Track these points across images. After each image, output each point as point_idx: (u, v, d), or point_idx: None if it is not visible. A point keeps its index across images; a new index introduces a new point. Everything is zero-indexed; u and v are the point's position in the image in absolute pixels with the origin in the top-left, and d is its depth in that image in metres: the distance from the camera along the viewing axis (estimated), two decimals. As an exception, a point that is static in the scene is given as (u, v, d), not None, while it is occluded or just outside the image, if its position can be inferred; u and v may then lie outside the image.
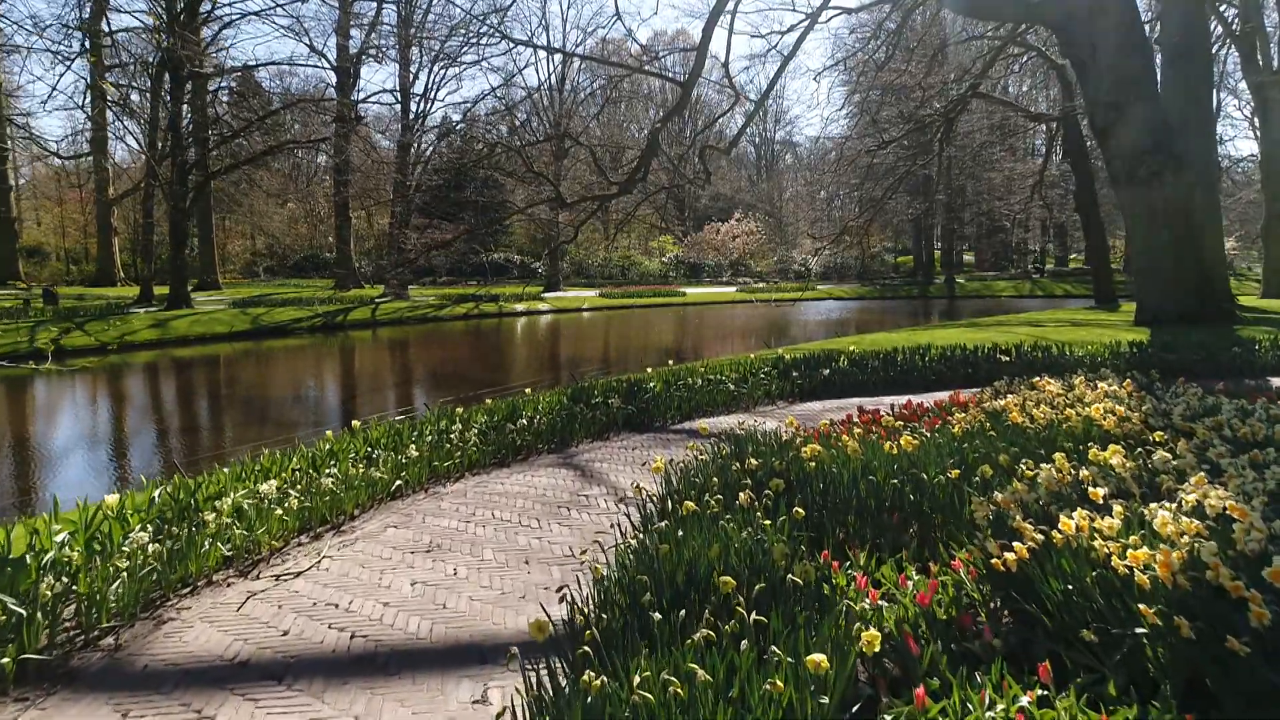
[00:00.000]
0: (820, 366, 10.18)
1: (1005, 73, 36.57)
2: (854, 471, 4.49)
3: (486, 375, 18.98)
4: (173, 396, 16.43)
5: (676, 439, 7.54)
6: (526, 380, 17.41)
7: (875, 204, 30.26)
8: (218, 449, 10.43)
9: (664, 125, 16.13)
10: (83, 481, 9.15)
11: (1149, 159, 15.23)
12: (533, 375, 18.06)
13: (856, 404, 8.91)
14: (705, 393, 8.93)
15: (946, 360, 10.77)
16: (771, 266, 61.41)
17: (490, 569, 4.30)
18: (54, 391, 16.61)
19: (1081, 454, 4.64)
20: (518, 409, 7.62)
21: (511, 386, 16.16)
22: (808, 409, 8.91)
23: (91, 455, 10.91)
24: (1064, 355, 10.77)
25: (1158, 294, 15.80)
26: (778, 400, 9.42)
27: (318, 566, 4.38)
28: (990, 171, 53.93)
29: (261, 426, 12.20)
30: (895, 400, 8.92)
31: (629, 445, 7.35)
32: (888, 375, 10.21)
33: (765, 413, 8.76)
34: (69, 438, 12.04)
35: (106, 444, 11.70)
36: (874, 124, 32.96)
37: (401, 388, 16.74)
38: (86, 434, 12.38)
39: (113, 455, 10.95)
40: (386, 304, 34.73)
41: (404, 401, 14.85)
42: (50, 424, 13.39)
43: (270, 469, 5.57)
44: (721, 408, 8.98)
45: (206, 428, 12.80)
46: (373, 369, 20.95)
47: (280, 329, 27.55)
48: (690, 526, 3.60)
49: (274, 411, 13.99)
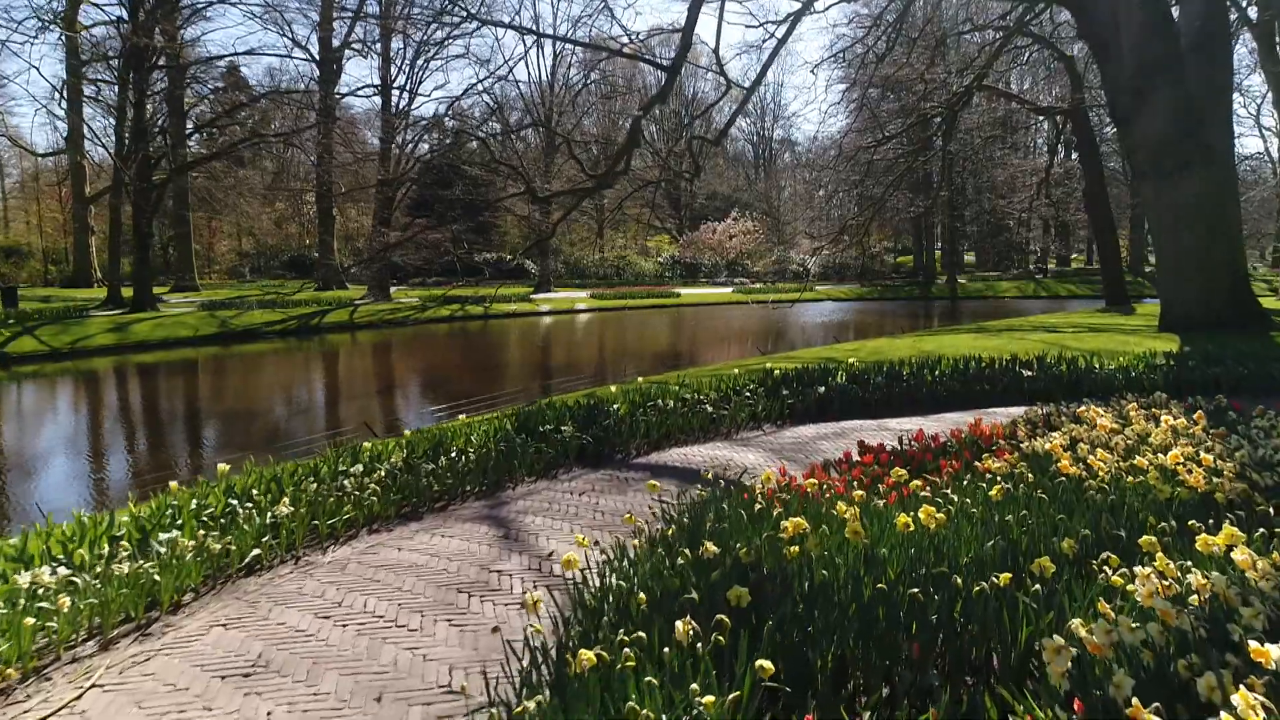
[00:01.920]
0: (815, 383, 8.81)
1: (1010, 66, 35.25)
2: (853, 563, 3.14)
3: (460, 385, 17.62)
4: (94, 411, 15.02)
5: (637, 479, 6.18)
6: (502, 391, 16.06)
7: (875, 202, 28.88)
8: (100, 485, 9.06)
9: (646, 113, 14.78)
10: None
11: (1177, 149, 13.88)
12: (511, 383, 16.73)
13: (857, 429, 7.56)
14: (680, 416, 7.57)
15: (959, 374, 9.41)
16: (770, 267, 60.03)
17: (319, 715, 2.93)
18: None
19: (1179, 534, 3.28)
20: (443, 442, 6.26)
21: (482, 399, 14.82)
22: (799, 435, 7.55)
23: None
24: (1093, 369, 9.41)
25: (1185, 297, 14.45)
26: (764, 424, 8.06)
27: (71, 709, 3.00)
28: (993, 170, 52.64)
29: (179, 450, 10.84)
30: (903, 425, 7.57)
31: (578, 488, 5.98)
32: (892, 392, 8.84)
33: (748, 441, 7.39)
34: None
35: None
36: (873, 118, 31.64)
37: (359, 401, 15.38)
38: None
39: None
40: (366, 306, 33.34)
41: (359, 418, 13.49)
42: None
43: (71, 539, 4.19)
44: (698, 434, 7.61)
45: (114, 450, 11.41)
46: (335, 378, 19.55)
47: (249, 333, 26.16)
48: (583, 699, 2.23)
49: (204, 430, 12.63)
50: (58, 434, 12.90)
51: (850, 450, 5.80)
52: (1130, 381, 9.31)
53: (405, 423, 12.30)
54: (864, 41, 26.06)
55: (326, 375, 20.00)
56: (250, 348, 24.26)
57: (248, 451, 9.75)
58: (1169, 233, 14.45)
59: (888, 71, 27.88)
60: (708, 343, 26.27)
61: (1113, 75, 14.78)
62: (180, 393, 17.21)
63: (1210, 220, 13.85)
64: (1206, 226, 13.83)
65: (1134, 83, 14.16)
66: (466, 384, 17.82)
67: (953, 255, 55.27)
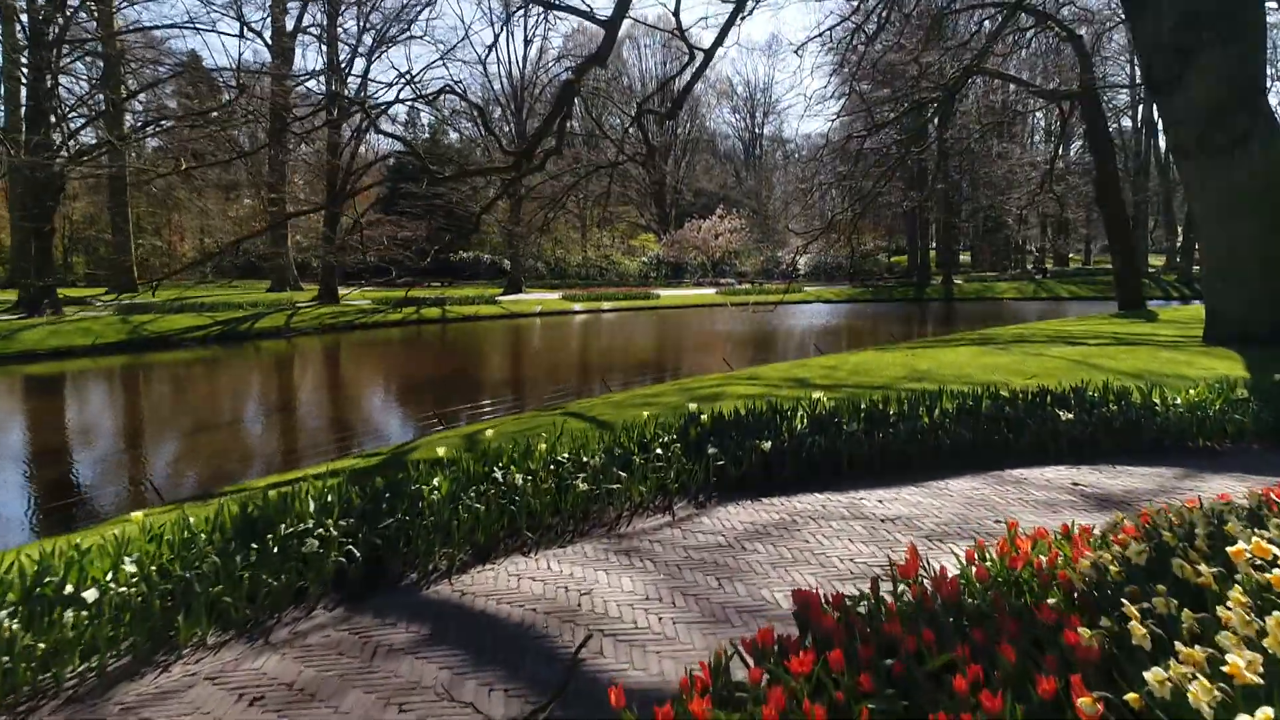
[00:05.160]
0: (758, 433, 6.06)
1: (1012, 49, 32.56)
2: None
3: (365, 409, 14.83)
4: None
5: (413, 642, 3.42)
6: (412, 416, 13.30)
7: (866, 196, 26.14)
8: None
9: (581, 76, 12.01)
10: None
11: (1230, 120, 11.19)
12: (430, 405, 13.97)
13: (815, 513, 4.81)
14: (539, 496, 4.82)
15: (968, 413, 6.68)
16: (757, 266, 57.29)
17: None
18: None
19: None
20: (61, 584, 3.48)
21: (375, 434, 12.08)
22: (721, 528, 4.79)
23: None
24: (1154, 412, 6.67)
25: (1238, 301, 11.76)
26: (676, 501, 5.31)
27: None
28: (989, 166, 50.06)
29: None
30: (887, 508, 4.82)
31: (283, 675, 3.22)
32: (872, 443, 6.10)
33: (637, 542, 4.63)
34: None
35: None
36: (864, 104, 28.96)
37: (212, 434, 12.55)
38: None
39: None
40: (309, 309, 30.48)
41: (183, 463, 10.71)
42: None
43: None
44: (560, 527, 4.85)
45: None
46: (215, 399, 16.59)
47: (164, 340, 23.30)
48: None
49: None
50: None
51: (797, 577, 3.04)
52: (1205, 425, 6.62)
53: (237, 473, 9.51)
54: (853, 19, 23.32)
55: (209, 394, 17.08)
56: (157, 357, 21.41)
57: None
58: (1219, 223, 11.75)
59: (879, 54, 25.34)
60: (672, 351, 23.51)
61: (1149, 31, 12.07)
62: (20, 416, 14.32)
63: (1273, 206, 11.17)
64: (1269, 213, 11.15)
65: (1176, 39, 11.46)
66: (374, 408, 15.04)
67: (948, 254, 52.62)
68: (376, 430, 12.02)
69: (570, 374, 18.06)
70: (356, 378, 19.57)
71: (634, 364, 20.03)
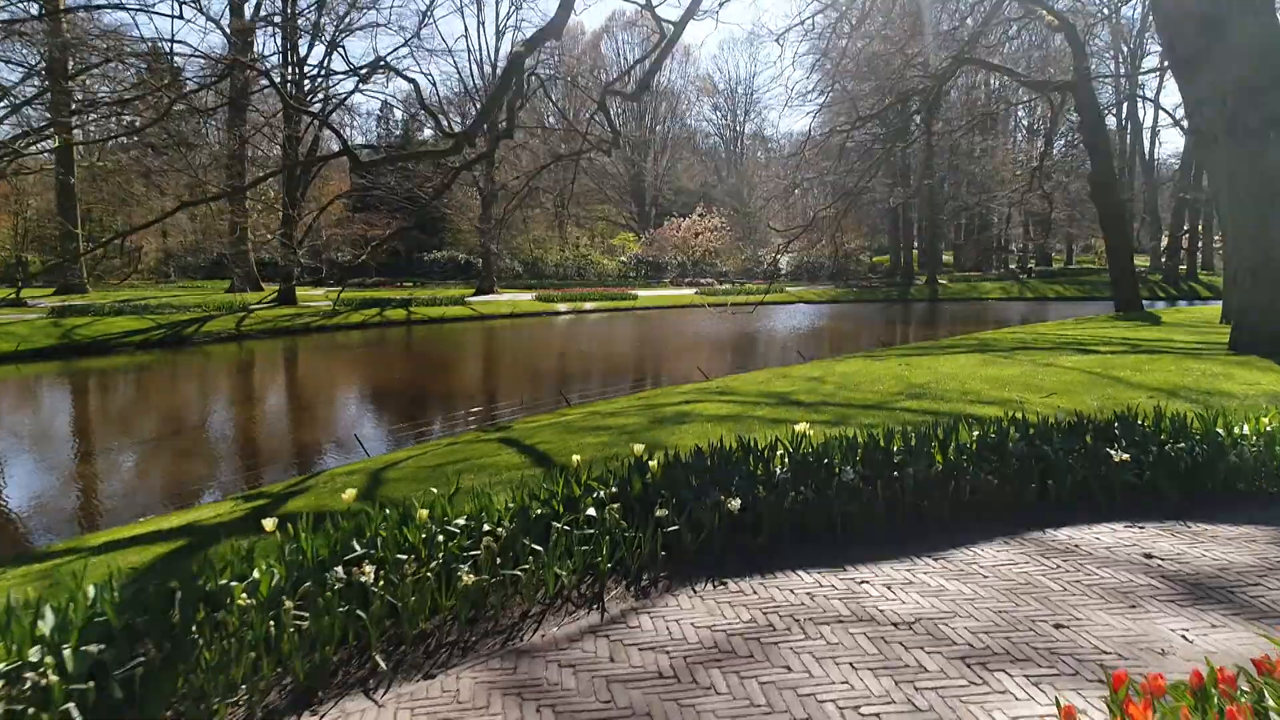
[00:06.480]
0: (725, 482, 4.61)
1: (1001, 40, 31.41)
2: None
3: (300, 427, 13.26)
4: None
5: None
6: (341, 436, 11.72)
7: (849, 193, 24.82)
8: None
9: (532, 50, 10.56)
10: None
11: (1265, 100, 9.92)
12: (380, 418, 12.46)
13: (799, 615, 3.36)
14: (410, 593, 3.36)
15: (993, 450, 5.24)
16: (738, 266, 55.94)
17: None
18: None
19: None
20: None
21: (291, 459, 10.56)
22: (665, 639, 3.33)
23: None
24: (1221, 449, 5.29)
25: (1274, 302, 10.50)
26: (609, 588, 3.87)
27: None
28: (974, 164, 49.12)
29: None
30: (893, 606, 3.34)
31: None
32: (873, 495, 4.69)
33: (554, 656, 3.17)
34: None
35: None
36: (846, 96, 27.73)
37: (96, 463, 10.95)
38: None
39: None
40: (263, 310, 28.73)
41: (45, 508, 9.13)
42: None
43: None
44: (446, 635, 3.40)
45: None
46: (122, 416, 14.91)
47: (99, 345, 21.54)
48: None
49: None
50: None
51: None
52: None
53: (53, 527, 7.95)
54: (834, 8, 21.98)
55: (115, 409, 15.40)
56: (90, 364, 19.69)
57: None
58: (1250, 216, 10.48)
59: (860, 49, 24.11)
60: (645, 357, 22.08)
61: (1172, 5, 10.79)
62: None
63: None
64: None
65: (1205, 8, 10.18)
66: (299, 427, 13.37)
67: (932, 254, 51.53)
68: (289, 458, 10.43)
69: (530, 384, 16.56)
70: (295, 389, 17.96)
71: (601, 371, 18.58)
